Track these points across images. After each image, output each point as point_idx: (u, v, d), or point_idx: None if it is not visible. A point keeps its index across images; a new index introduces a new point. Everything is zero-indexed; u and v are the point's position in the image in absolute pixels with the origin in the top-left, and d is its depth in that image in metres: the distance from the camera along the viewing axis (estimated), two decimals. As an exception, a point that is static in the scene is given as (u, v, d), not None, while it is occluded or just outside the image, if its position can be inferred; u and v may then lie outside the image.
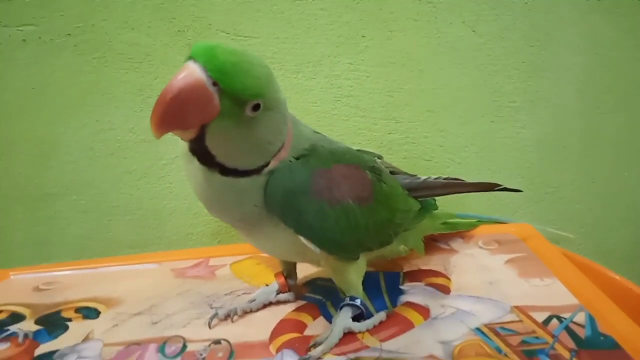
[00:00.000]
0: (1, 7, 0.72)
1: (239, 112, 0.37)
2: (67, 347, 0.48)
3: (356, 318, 0.48)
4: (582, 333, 0.45)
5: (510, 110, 0.80)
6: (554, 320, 0.47)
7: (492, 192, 0.58)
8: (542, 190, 0.84)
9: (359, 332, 0.47)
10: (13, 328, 0.51)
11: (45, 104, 0.75)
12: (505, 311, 0.49)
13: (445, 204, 0.64)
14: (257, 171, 0.41)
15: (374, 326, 0.48)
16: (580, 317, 0.47)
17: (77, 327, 0.51)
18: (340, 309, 0.48)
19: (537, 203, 0.84)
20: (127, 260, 0.65)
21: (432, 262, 0.59)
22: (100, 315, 0.53)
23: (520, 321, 0.47)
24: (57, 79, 0.75)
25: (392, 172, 0.55)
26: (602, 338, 0.44)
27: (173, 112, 0.35)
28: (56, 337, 0.50)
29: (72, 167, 0.79)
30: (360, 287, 0.49)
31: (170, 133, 0.37)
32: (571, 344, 0.43)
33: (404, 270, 0.58)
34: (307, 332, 0.48)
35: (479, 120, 0.81)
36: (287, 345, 0.46)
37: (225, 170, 0.40)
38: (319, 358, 0.44)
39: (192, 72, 0.35)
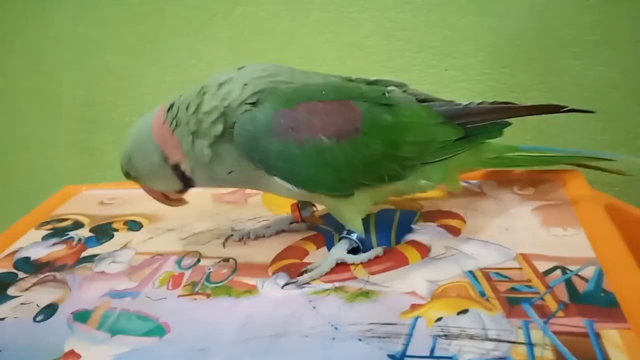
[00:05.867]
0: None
1: (135, 178, 0.52)
2: (107, 252, 0.56)
3: (355, 251, 0.50)
4: (582, 287, 0.42)
5: (586, 44, 0.71)
6: (557, 272, 0.44)
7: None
8: (623, 136, 0.75)
9: (352, 264, 0.49)
10: (72, 233, 0.61)
11: (121, 39, 0.83)
12: (508, 257, 0.47)
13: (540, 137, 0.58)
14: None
15: (369, 260, 0.49)
16: (588, 272, 0.44)
17: (121, 237, 0.59)
18: (339, 240, 0.50)
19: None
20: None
21: (455, 204, 0.57)
22: (142, 229, 0.61)
23: (520, 269, 0.45)
24: (130, 18, 0.82)
25: (423, 100, 0.52)
26: (602, 295, 0.41)
27: None
28: (102, 243, 0.58)
29: (148, 98, 0.87)
30: (359, 222, 0.50)
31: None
32: (564, 297, 0.41)
33: (423, 210, 0.57)
34: (306, 259, 0.51)
35: (550, 56, 0.73)
36: (284, 269, 0.49)
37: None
38: (307, 283, 0.47)
39: None
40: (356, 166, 0.47)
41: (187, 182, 0.50)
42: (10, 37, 0.88)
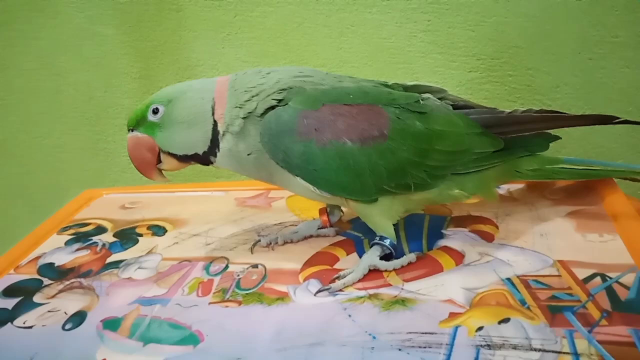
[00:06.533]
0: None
1: (153, 124, 0.49)
2: (132, 258, 0.55)
3: (387, 258, 0.49)
4: (624, 295, 0.41)
5: (612, 46, 0.70)
6: (597, 279, 0.43)
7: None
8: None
9: (385, 271, 0.48)
10: (95, 239, 0.60)
11: (139, 40, 0.83)
12: (546, 264, 0.46)
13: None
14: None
15: (402, 266, 0.48)
16: (629, 279, 0.43)
17: (145, 242, 0.59)
18: (371, 247, 0.49)
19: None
20: (201, 186, 0.72)
21: (486, 209, 0.56)
22: (166, 234, 0.60)
23: (559, 276, 0.44)
24: (148, 18, 0.81)
25: (462, 107, 0.51)
26: (645, 302, 0.40)
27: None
28: (126, 249, 0.58)
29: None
30: (390, 228, 0.49)
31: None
32: (606, 305, 0.40)
33: (452, 215, 0.56)
34: (337, 266, 0.50)
35: (575, 57, 0.72)
36: (315, 275, 0.49)
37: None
38: (340, 290, 0.46)
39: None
40: (380, 172, 0.46)
41: (212, 148, 0.49)
42: (26, 37, 0.87)
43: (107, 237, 0.61)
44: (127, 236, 0.60)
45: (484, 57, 0.74)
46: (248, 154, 0.48)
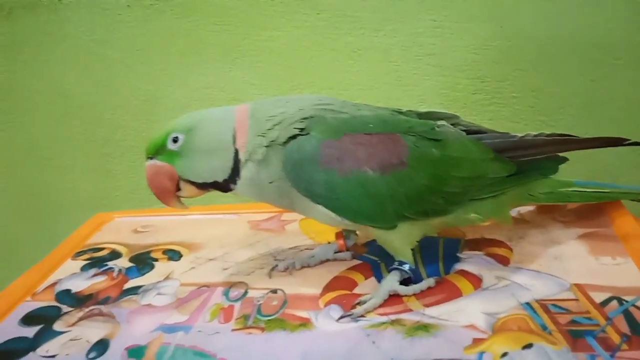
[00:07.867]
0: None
1: (172, 152, 0.49)
2: (150, 284, 0.55)
3: (405, 282, 0.50)
4: (641, 318, 0.42)
5: (613, 67, 0.72)
6: (614, 302, 0.44)
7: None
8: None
9: (405, 296, 0.48)
10: (111, 264, 0.60)
11: (147, 63, 0.83)
12: (563, 288, 0.47)
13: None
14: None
15: (421, 291, 0.49)
16: (645, 302, 0.44)
17: (162, 267, 0.59)
18: (390, 272, 0.50)
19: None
20: (213, 209, 0.72)
21: (499, 232, 0.58)
22: (182, 258, 0.60)
23: (576, 300, 0.45)
24: (157, 41, 0.82)
25: (474, 132, 0.52)
26: (663, 326, 0.41)
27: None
28: (143, 274, 0.58)
29: (173, 122, 0.87)
30: (409, 253, 0.50)
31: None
32: (625, 329, 0.41)
33: (466, 238, 0.57)
34: (356, 290, 0.51)
35: (577, 78, 0.74)
36: (335, 300, 0.49)
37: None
38: (362, 316, 0.47)
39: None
40: (399, 199, 0.47)
41: (233, 175, 0.49)
42: (35, 61, 0.88)
43: (123, 262, 0.61)
44: (143, 261, 0.60)
45: (489, 79, 0.76)
46: (270, 182, 0.49)
